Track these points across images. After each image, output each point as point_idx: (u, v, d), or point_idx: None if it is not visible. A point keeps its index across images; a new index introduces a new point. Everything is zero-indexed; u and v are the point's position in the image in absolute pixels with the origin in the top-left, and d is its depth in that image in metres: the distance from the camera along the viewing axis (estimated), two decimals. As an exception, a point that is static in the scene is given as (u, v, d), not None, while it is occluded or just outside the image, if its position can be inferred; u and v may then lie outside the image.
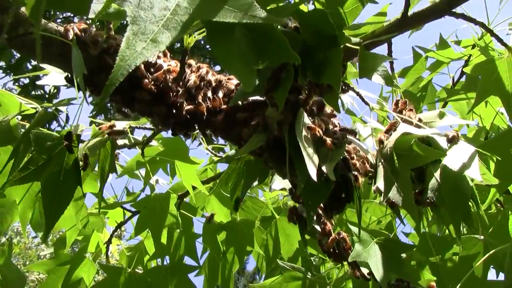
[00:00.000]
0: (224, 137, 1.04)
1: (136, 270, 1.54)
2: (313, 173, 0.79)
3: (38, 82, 1.14)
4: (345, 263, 1.15)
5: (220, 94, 1.02)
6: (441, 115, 0.98)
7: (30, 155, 0.98)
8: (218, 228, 1.47)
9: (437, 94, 1.55)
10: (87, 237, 1.66)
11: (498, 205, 1.41)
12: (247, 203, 1.60)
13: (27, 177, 0.98)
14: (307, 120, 0.88)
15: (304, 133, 0.84)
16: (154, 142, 1.40)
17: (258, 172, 1.19)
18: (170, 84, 0.96)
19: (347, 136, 0.93)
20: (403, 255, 1.31)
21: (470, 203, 0.93)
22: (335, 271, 1.41)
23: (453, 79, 1.54)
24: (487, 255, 1.15)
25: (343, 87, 1.01)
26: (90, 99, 1.00)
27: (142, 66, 0.97)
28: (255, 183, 1.18)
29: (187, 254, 1.50)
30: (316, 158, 0.83)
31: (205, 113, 0.98)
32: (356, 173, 0.92)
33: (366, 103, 1.00)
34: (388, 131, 0.96)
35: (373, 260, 1.04)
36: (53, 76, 1.16)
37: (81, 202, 1.37)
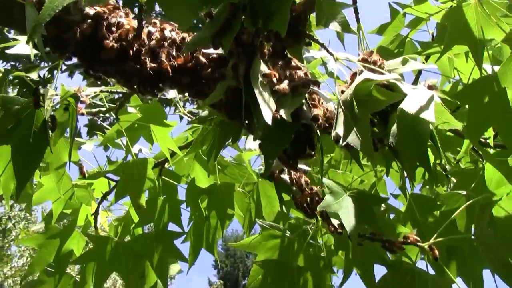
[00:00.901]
0: (190, 95, 1.04)
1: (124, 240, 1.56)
2: (267, 116, 0.79)
3: (8, 51, 1.14)
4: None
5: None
6: (404, 62, 0.97)
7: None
8: (200, 193, 1.48)
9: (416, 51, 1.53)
10: (76, 211, 1.67)
11: (480, 159, 1.40)
12: (233, 169, 1.60)
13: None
14: (264, 68, 0.87)
15: (260, 79, 0.85)
16: (132, 109, 1.40)
17: (231, 131, 1.19)
18: (132, 42, 0.96)
19: (311, 86, 0.94)
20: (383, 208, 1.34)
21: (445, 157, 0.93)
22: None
23: (432, 36, 1.52)
24: (463, 206, 1.14)
25: (306, 40, 1.01)
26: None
27: (104, 27, 0.98)
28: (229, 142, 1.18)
29: (172, 221, 1.51)
30: (272, 103, 0.83)
31: (170, 71, 0.98)
32: (319, 121, 0.92)
33: (331, 54, 1.00)
34: (351, 80, 0.95)
35: (344, 211, 1.03)
36: (22, 45, 1.17)
37: (62, 171, 1.38)
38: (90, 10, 0.98)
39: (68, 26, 0.95)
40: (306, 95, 0.95)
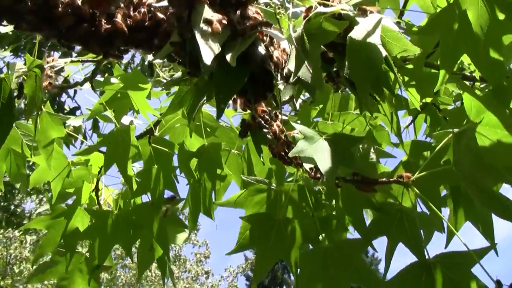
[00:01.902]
0: (149, 53, 1.03)
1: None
2: (207, 58, 0.78)
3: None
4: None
5: (142, 10, 1.01)
6: (360, -8, 0.94)
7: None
8: (190, 156, 1.48)
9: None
10: (79, 189, 1.69)
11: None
12: (226, 131, 1.59)
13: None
14: (208, 13, 0.86)
15: (204, 27, 0.83)
16: (114, 80, 1.41)
17: (206, 90, 1.18)
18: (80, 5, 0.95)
19: (263, 28, 0.92)
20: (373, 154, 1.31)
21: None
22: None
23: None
24: (446, 138, 1.11)
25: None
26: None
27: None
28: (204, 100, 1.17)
29: (167, 188, 1.51)
30: (215, 47, 0.81)
31: (125, 30, 0.98)
32: (274, 61, 0.90)
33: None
34: (305, 18, 0.93)
35: (320, 155, 1.01)
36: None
37: (50, 148, 1.39)
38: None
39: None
40: (263, 37, 0.93)
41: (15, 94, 1.04)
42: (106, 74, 1.40)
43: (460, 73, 1.38)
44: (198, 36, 0.80)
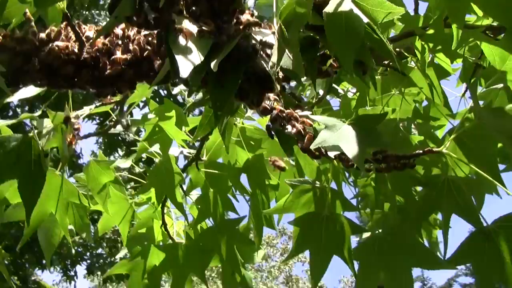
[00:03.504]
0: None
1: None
2: (184, 70, 0.78)
3: (10, 99, 1.21)
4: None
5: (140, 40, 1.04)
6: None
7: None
8: (239, 173, 1.48)
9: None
10: (150, 228, 1.73)
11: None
12: (270, 140, 1.58)
13: (4, 179, 1.07)
14: (187, 24, 0.86)
15: (179, 39, 0.83)
16: (151, 115, 1.44)
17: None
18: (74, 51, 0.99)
19: (252, 29, 0.91)
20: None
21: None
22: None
23: None
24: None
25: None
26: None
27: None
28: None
29: (226, 209, 1.52)
30: (195, 57, 0.81)
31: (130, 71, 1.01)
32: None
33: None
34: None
35: (345, 141, 0.98)
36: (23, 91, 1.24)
37: (104, 193, 1.44)
38: (42, 34, 1.02)
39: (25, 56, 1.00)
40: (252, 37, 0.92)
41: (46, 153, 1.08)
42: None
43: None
44: (174, 50, 0.81)
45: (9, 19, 0.87)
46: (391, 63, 1.03)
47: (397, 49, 1.41)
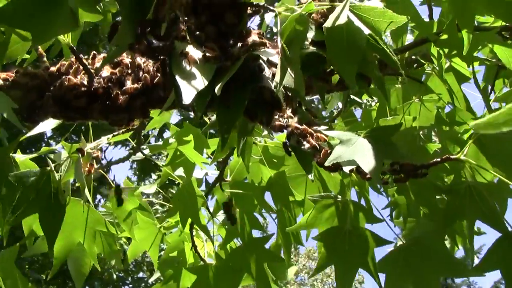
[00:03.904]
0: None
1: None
2: (187, 96, 0.78)
3: (29, 134, 1.24)
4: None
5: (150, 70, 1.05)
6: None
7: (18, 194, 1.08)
8: (263, 191, 1.47)
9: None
10: (181, 251, 1.74)
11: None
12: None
13: (25, 214, 1.09)
14: (190, 49, 0.87)
15: (183, 64, 0.84)
16: (172, 140, 1.45)
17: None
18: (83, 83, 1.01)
19: (256, 49, 0.91)
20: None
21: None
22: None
23: None
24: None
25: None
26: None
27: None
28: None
29: (254, 228, 1.52)
30: (198, 82, 0.82)
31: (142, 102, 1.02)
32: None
33: (273, 11, 0.97)
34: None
35: (360, 154, 0.97)
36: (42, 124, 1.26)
37: (130, 220, 1.45)
38: (52, 68, 1.04)
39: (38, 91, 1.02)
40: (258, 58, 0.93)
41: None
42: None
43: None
44: (177, 76, 0.81)
45: (12, 57, 0.88)
46: (402, 72, 1.02)
47: (413, 57, 1.40)
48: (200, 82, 0.82)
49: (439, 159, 1.00)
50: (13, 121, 0.94)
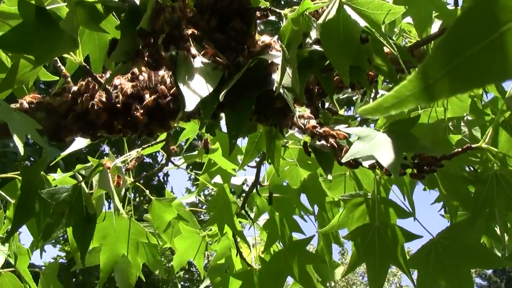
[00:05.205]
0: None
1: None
2: (190, 103, 0.79)
3: (63, 154, 1.29)
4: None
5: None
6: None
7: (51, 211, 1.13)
8: (299, 193, 1.47)
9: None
10: (228, 258, 1.76)
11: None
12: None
13: (58, 228, 1.13)
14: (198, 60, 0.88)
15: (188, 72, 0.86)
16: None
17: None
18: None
19: (265, 52, 0.92)
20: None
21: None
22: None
23: None
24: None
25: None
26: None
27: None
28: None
29: (293, 231, 1.52)
30: (202, 88, 0.83)
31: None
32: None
33: (279, 13, 0.98)
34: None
35: (379, 150, 0.96)
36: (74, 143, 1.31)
37: (170, 231, 1.48)
38: (74, 87, 1.08)
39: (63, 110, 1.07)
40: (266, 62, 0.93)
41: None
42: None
43: None
44: (181, 84, 0.83)
45: (23, 81, 0.92)
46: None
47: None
48: (205, 89, 0.84)
49: (460, 149, 0.97)
50: (37, 141, 0.98)
